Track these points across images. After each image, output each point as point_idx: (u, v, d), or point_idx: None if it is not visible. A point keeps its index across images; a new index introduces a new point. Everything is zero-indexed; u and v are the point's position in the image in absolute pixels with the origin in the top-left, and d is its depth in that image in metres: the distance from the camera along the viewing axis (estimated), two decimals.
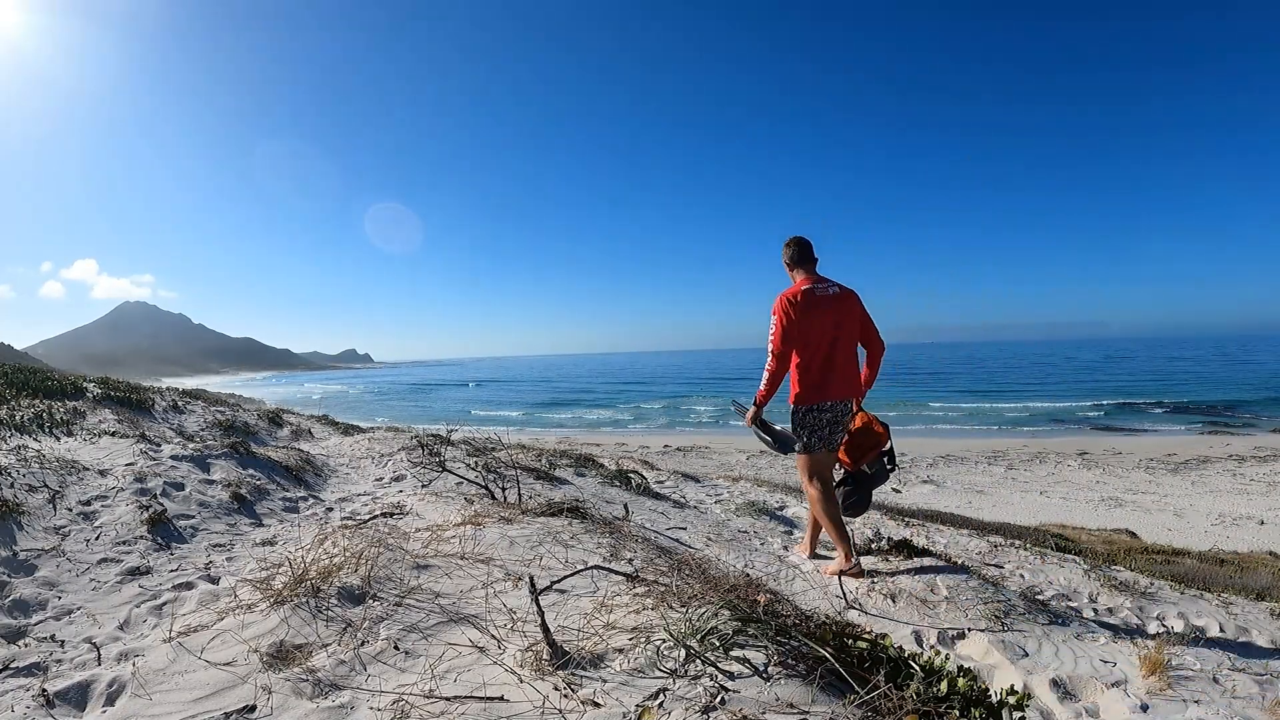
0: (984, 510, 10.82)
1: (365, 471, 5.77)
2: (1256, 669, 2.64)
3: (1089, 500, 13.02)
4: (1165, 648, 2.66)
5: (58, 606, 2.63)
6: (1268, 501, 12.59)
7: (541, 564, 2.68)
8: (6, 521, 3.17)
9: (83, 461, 4.19)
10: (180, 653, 2.06)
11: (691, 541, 4.05)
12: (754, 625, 1.75)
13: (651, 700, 1.52)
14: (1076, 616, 3.17)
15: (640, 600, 2.12)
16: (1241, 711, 2.28)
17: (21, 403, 5.82)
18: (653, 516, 4.67)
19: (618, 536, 3.15)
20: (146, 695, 1.85)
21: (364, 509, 4.31)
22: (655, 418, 38.84)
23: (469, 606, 2.26)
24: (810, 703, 1.49)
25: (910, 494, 13.31)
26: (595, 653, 1.79)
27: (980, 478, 15.73)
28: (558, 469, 6.16)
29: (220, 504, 4.02)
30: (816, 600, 3.21)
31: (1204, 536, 9.82)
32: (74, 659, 2.23)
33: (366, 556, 2.60)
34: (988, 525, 6.12)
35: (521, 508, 3.58)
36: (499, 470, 5.17)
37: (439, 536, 3.02)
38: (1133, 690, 2.39)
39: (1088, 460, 18.12)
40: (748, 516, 5.12)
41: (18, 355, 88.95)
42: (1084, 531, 8.78)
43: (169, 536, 3.43)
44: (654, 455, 16.19)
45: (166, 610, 2.61)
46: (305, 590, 2.32)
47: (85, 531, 3.29)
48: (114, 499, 3.71)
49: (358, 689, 1.80)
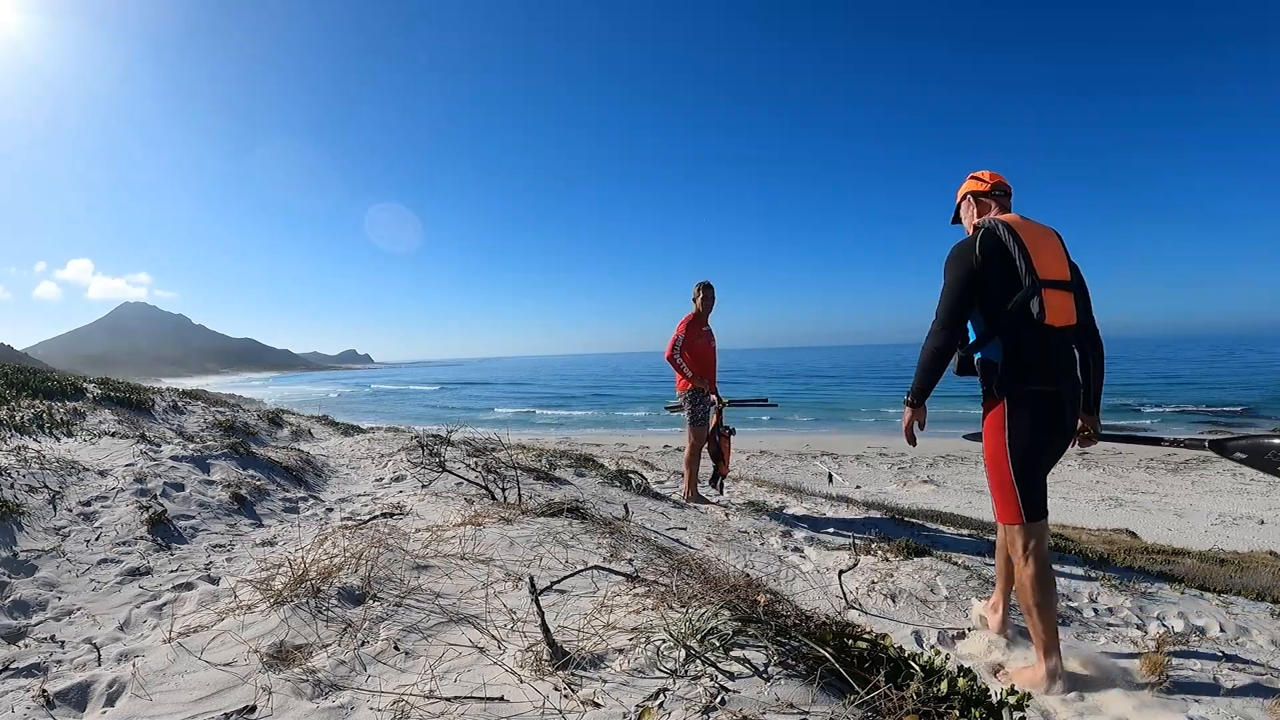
0: (984, 510, 10.82)
1: (365, 472, 5.77)
2: (1256, 669, 2.64)
3: (1089, 500, 13.02)
4: (1165, 648, 2.66)
5: (58, 607, 2.62)
6: (1268, 501, 12.60)
7: (541, 564, 2.68)
8: (7, 522, 3.17)
9: (83, 462, 4.19)
10: (180, 653, 2.06)
11: (691, 541, 4.05)
12: (754, 625, 1.75)
13: (651, 700, 1.52)
14: (1077, 616, 3.18)
15: (640, 600, 2.12)
16: (1241, 711, 2.28)
17: (21, 403, 5.82)
18: (653, 516, 4.67)
19: (618, 536, 3.15)
20: (147, 696, 1.85)
21: (364, 509, 4.31)
22: (655, 418, 38.84)
23: (469, 607, 2.26)
24: (810, 703, 1.49)
25: (910, 494, 13.32)
26: (595, 653, 1.79)
27: (980, 478, 15.72)
28: (558, 469, 6.16)
29: (220, 504, 4.02)
30: (816, 600, 3.21)
31: (1204, 536, 9.82)
32: (74, 659, 2.23)
33: (366, 557, 2.60)
34: (988, 525, 6.12)
35: (521, 508, 3.58)
36: (499, 470, 5.17)
37: (439, 537, 3.02)
38: (1133, 690, 2.39)
39: (1088, 460, 18.12)
40: (748, 516, 5.12)
41: (17, 356, 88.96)
42: (1084, 531, 8.79)
43: (169, 537, 3.43)
44: (654, 455, 16.19)
45: (166, 611, 2.61)
46: (305, 591, 2.32)
47: (85, 532, 3.29)
48: (114, 499, 3.71)
49: (358, 689, 1.80)
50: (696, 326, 5.50)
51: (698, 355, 5.47)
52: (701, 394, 5.46)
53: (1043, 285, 2.33)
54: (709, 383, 5.51)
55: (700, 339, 5.50)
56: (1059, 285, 2.37)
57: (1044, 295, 2.32)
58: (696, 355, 5.46)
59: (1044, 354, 2.38)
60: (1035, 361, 2.37)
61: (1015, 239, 2.36)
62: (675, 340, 5.42)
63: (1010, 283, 2.36)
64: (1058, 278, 2.38)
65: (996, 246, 2.38)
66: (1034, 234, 2.41)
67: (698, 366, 5.44)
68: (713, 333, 5.63)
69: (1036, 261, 2.34)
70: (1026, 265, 2.33)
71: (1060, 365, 2.42)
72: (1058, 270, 2.39)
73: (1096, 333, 2.57)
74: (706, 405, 5.51)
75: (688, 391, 5.46)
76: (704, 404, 5.49)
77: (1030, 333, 2.36)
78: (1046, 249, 2.40)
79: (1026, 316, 2.35)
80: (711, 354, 5.60)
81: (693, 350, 5.45)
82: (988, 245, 2.38)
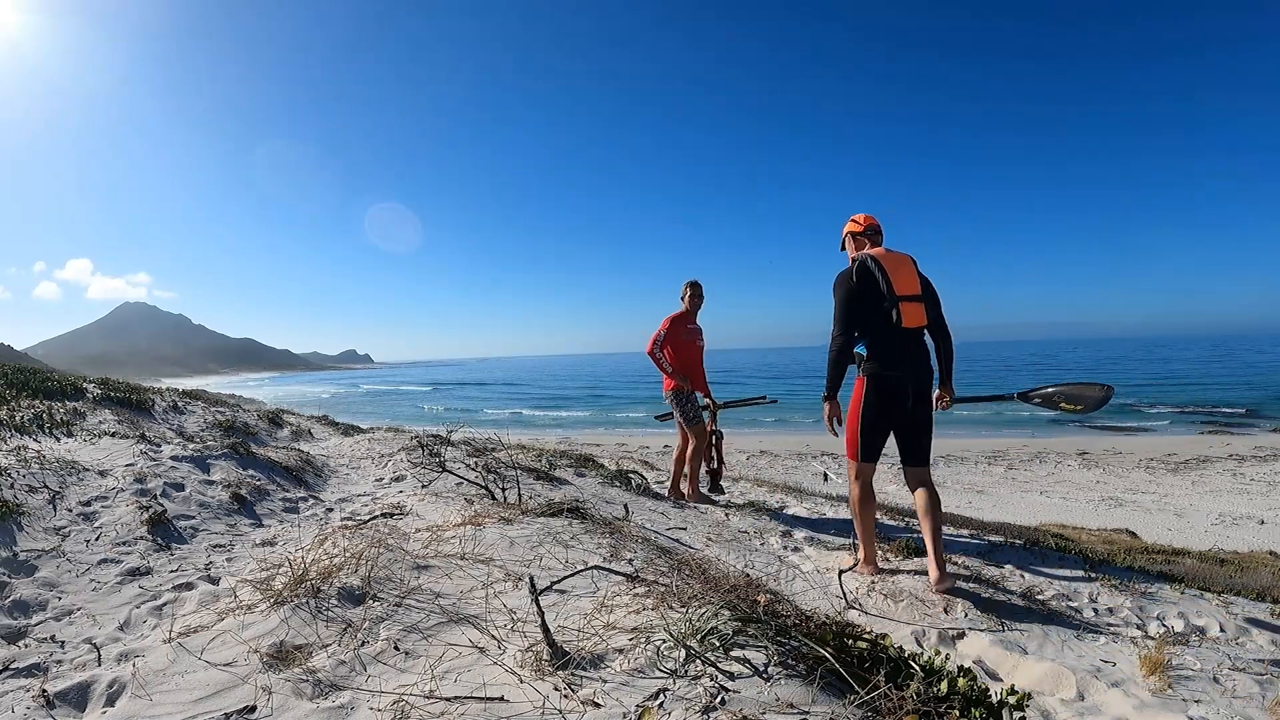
0: (984, 510, 10.82)
1: (365, 472, 5.77)
2: (1256, 669, 2.63)
3: (1089, 500, 13.01)
4: (1165, 648, 2.66)
5: (58, 607, 2.63)
6: (1268, 501, 12.59)
7: (541, 564, 2.68)
8: (7, 522, 3.17)
9: (83, 462, 4.19)
10: (180, 653, 2.06)
11: (691, 541, 4.05)
12: (754, 625, 1.75)
13: (651, 700, 1.52)
14: (1077, 616, 3.18)
15: (640, 600, 2.12)
16: (1242, 711, 2.28)
17: (22, 403, 5.82)
18: (653, 516, 4.66)
19: (618, 536, 3.15)
20: (147, 696, 1.85)
21: (364, 509, 4.31)
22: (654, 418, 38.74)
23: (469, 607, 2.26)
24: (810, 703, 1.49)
25: (910, 494, 13.32)
26: (595, 653, 1.79)
27: (980, 478, 15.73)
28: (558, 469, 6.16)
29: (220, 504, 4.02)
30: (816, 600, 3.21)
31: (1204, 536, 9.82)
32: (74, 659, 2.23)
33: (367, 557, 2.60)
34: (988, 525, 6.12)
35: (521, 508, 3.58)
36: (499, 470, 5.17)
37: (439, 537, 3.02)
38: (1133, 690, 2.39)
39: (1088, 460, 18.12)
40: (748, 516, 5.12)
41: (17, 356, 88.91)
42: (1084, 531, 8.78)
43: (169, 537, 3.43)
44: (654, 455, 16.19)
45: (166, 611, 2.61)
46: (305, 591, 2.32)
47: (85, 532, 3.29)
48: (114, 499, 3.71)
49: (358, 689, 1.80)
50: (682, 324, 5.48)
51: (681, 352, 5.45)
52: (685, 394, 5.43)
53: (899, 299, 3.21)
54: (691, 381, 5.47)
55: (685, 336, 5.49)
56: (912, 299, 3.26)
57: (900, 307, 3.21)
58: (680, 352, 5.44)
59: (895, 349, 3.26)
60: (887, 354, 3.27)
61: (879, 267, 3.26)
62: (657, 336, 5.41)
63: (877, 298, 3.24)
64: (910, 293, 3.26)
65: (867, 274, 3.27)
66: (893, 262, 3.30)
67: (681, 364, 5.43)
68: (700, 330, 5.61)
69: (894, 283, 3.23)
70: (888, 286, 3.22)
71: (906, 357, 3.27)
72: (910, 288, 3.27)
73: (946, 327, 3.42)
74: (695, 403, 5.49)
75: (671, 392, 5.45)
76: (692, 402, 5.47)
77: (889, 333, 3.25)
78: (902, 273, 3.28)
79: (888, 322, 3.23)
80: (697, 352, 5.57)
81: (676, 347, 5.44)
82: (861, 273, 3.28)
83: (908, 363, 3.27)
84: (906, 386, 3.27)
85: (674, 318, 5.48)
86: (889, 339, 3.25)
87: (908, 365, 3.27)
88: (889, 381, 3.26)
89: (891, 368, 3.25)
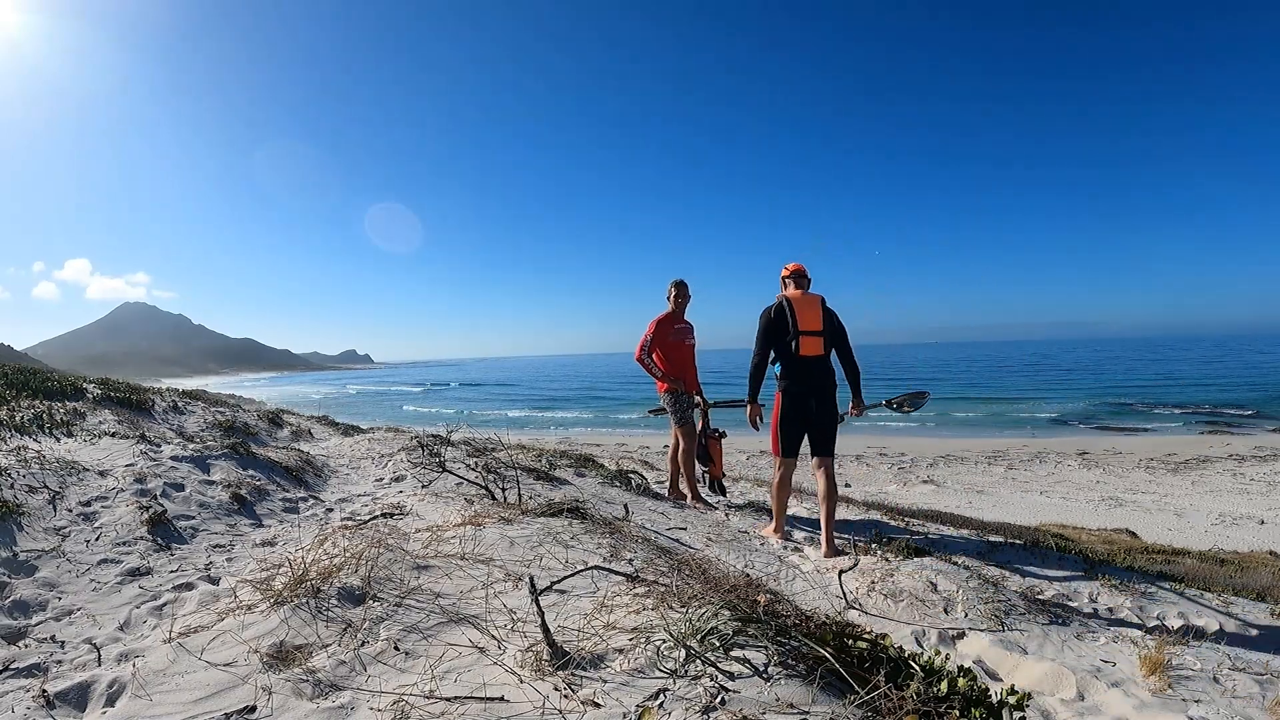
0: (984, 510, 10.82)
1: (365, 472, 5.77)
2: (1256, 669, 2.64)
3: (1089, 500, 13.01)
4: (1165, 648, 2.66)
5: (58, 607, 2.63)
6: (1268, 501, 12.59)
7: (541, 564, 2.68)
8: (7, 522, 3.17)
9: (83, 462, 4.19)
10: (180, 653, 2.06)
11: (691, 541, 4.05)
12: (754, 625, 1.75)
13: (651, 700, 1.52)
14: (1077, 616, 3.18)
15: (640, 600, 2.12)
16: (1242, 711, 2.28)
17: (21, 403, 5.82)
18: (653, 516, 4.66)
19: (618, 537, 3.15)
20: (147, 696, 1.85)
21: (364, 509, 4.31)
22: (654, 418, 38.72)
23: (469, 607, 2.26)
24: (810, 703, 1.49)
25: (910, 494, 13.31)
26: (595, 653, 1.79)
27: (980, 478, 15.73)
28: (558, 469, 6.16)
29: (220, 505, 4.02)
30: (816, 600, 3.21)
31: (1204, 536, 9.81)
32: (74, 660, 2.23)
33: (367, 557, 2.60)
34: (988, 525, 6.12)
35: (521, 508, 3.58)
36: (499, 470, 5.17)
37: (439, 537, 3.02)
38: (1133, 690, 2.39)
39: (1088, 460, 18.12)
40: (748, 516, 5.12)
41: (17, 356, 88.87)
42: (1084, 531, 8.78)
43: (169, 537, 3.43)
44: (654, 455, 16.19)
45: (167, 611, 2.61)
46: (305, 591, 2.32)
47: (85, 532, 3.29)
48: (114, 500, 3.71)
49: (358, 689, 1.80)
50: (669, 324, 5.41)
51: (672, 353, 5.40)
52: (679, 394, 5.40)
53: (800, 334, 4.16)
54: (684, 382, 5.43)
55: (674, 336, 5.42)
56: (811, 333, 4.18)
57: (800, 339, 4.16)
58: (670, 353, 5.40)
59: (797, 371, 4.21)
60: (792, 374, 4.22)
61: (790, 307, 4.21)
62: (644, 341, 5.36)
63: (784, 331, 4.19)
64: (811, 329, 4.18)
65: (780, 312, 4.23)
66: (802, 304, 4.23)
67: (671, 365, 5.39)
68: (691, 329, 5.55)
69: (800, 320, 4.17)
70: (793, 323, 4.17)
71: (807, 378, 4.20)
72: (812, 324, 4.19)
73: (851, 357, 4.31)
74: (688, 403, 5.46)
75: (665, 393, 5.42)
76: (685, 402, 5.44)
77: (792, 359, 4.20)
78: (807, 312, 4.21)
79: (790, 351, 4.19)
80: (688, 351, 5.51)
81: (665, 348, 5.39)
82: (777, 310, 4.24)
83: (808, 381, 4.20)
84: (809, 399, 4.21)
85: (660, 319, 5.41)
86: (793, 363, 4.19)
87: (808, 383, 4.20)
88: (794, 395, 4.23)
89: (796, 384, 4.21)
